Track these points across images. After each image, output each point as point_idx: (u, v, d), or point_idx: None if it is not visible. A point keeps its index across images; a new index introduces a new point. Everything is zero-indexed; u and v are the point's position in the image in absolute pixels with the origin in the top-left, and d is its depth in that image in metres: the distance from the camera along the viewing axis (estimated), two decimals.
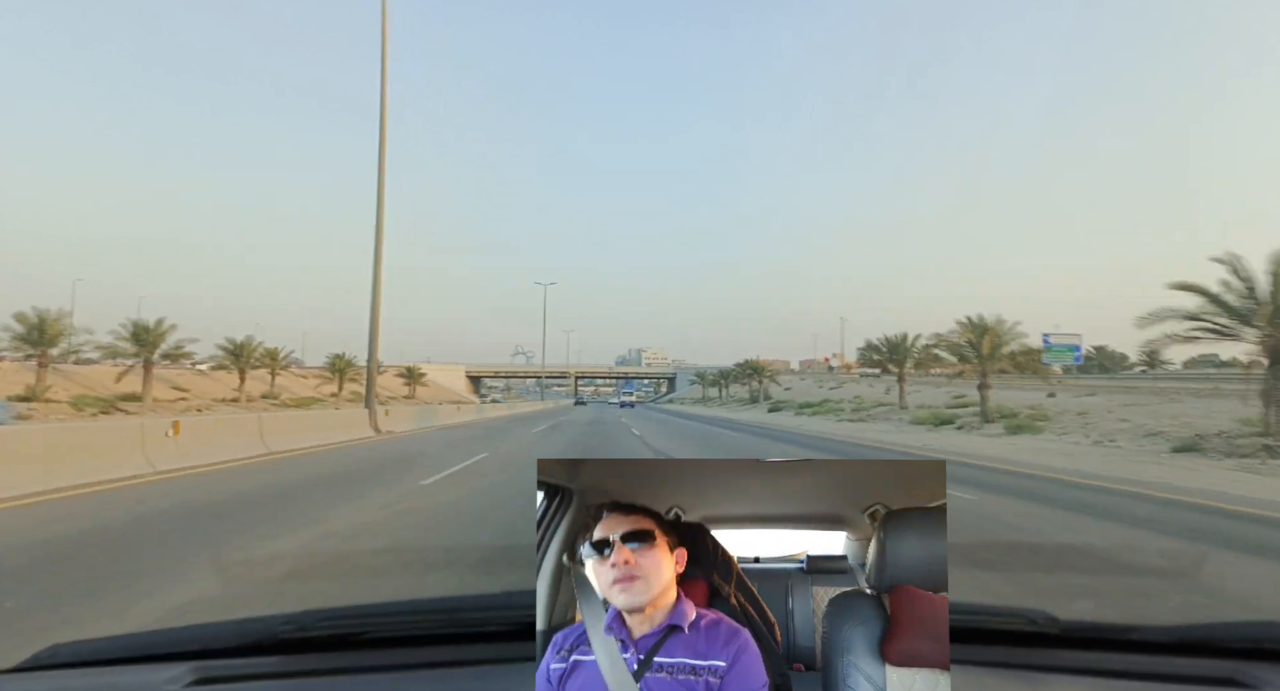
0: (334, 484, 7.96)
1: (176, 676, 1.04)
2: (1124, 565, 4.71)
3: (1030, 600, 3.46)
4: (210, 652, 1.13)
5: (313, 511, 6.10)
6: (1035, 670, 1.09)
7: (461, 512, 6.28)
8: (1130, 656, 1.14)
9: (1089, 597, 3.72)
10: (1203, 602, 3.68)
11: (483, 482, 8.39)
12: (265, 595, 3.57)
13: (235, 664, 1.11)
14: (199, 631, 1.22)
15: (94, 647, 1.15)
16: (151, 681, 1.05)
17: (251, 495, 7.01)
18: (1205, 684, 1.06)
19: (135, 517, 5.70)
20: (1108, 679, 1.07)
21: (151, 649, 1.15)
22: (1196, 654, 1.14)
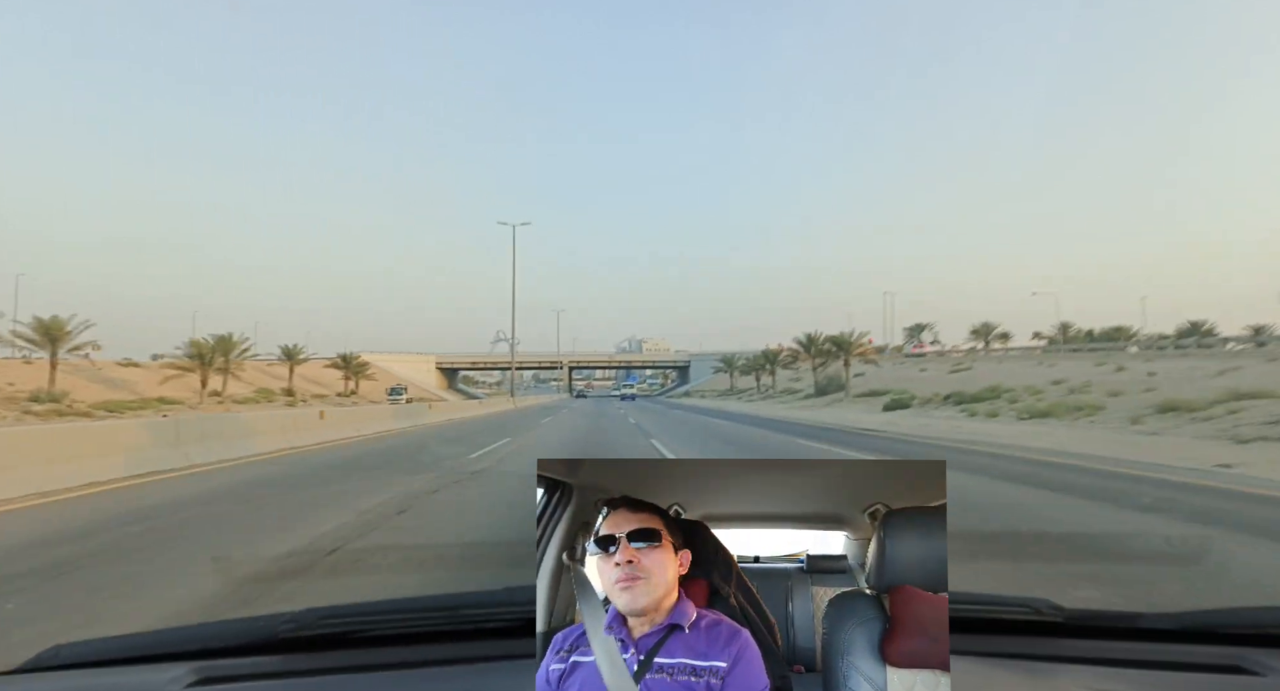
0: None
1: (178, 676, 1.04)
2: (1127, 552, 4.71)
3: (1033, 589, 3.46)
4: (211, 652, 1.13)
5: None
6: (1039, 659, 1.09)
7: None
8: (1134, 644, 1.14)
9: (1092, 585, 3.73)
10: (1204, 588, 3.68)
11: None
12: (265, 594, 3.59)
13: (237, 663, 1.11)
14: (200, 631, 1.22)
15: (96, 648, 1.15)
16: (153, 681, 1.05)
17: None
18: (1210, 670, 1.06)
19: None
20: (1112, 667, 1.07)
21: (153, 649, 1.16)
22: (1200, 640, 1.14)
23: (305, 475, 8.93)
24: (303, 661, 1.13)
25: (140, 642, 1.18)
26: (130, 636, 1.19)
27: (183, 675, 1.05)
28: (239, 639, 1.16)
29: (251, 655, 1.14)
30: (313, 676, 1.09)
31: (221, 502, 6.65)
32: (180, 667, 1.07)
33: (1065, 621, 1.16)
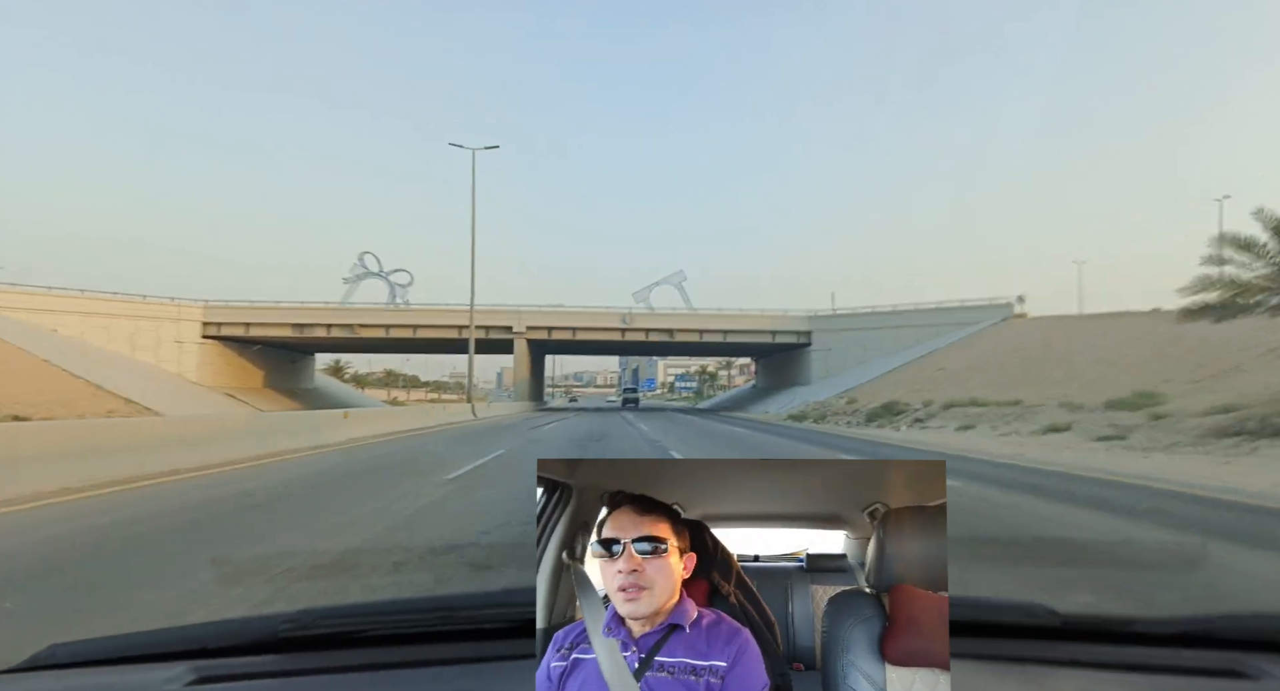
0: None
1: (176, 675, 1.04)
2: (1123, 558, 4.72)
3: (1029, 593, 3.47)
4: (209, 652, 1.13)
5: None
6: (1036, 663, 1.09)
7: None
8: (1131, 649, 1.15)
9: (1088, 590, 3.73)
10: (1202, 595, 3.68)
11: None
12: (264, 594, 3.58)
13: (234, 663, 1.11)
14: (198, 630, 1.22)
15: (93, 647, 1.15)
16: (151, 681, 1.05)
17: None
18: (1207, 676, 1.06)
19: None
20: (1109, 672, 1.07)
21: (150, 648, 1.16)
22: (1198, 646, 1.14)
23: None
24: (301, 661, 1.13)
25: (138, 642, 1.17)
26: (128, 635, 1.18)
27: (181, 674, 1.05)
28: (237, 638, 1.15)
29: (250, 654, 1.13)
30: (311, 676, 1.09)
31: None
32: (178, 667, 1.07)
33: (1061, 626, 1.17)
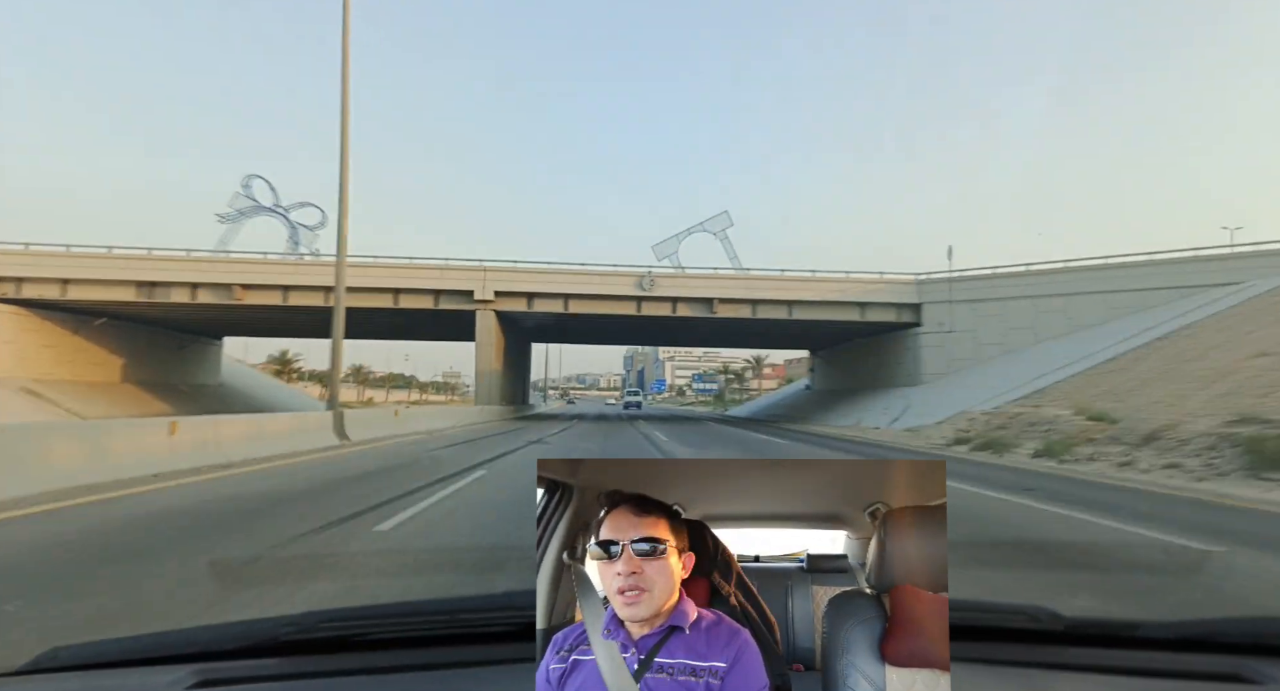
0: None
1: (178, 679, 1.04)
2: (1125, 561, 4.70)
3: (1032, 597, 3.46)
4: (212, 655, 1.13)
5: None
6: (1038, 667, 1.09)
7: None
8: (1134, 652, 1.14)
9: (1090, 594, 3.72)
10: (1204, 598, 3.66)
11: None
12: (265, 597, 3.57)
13: (237, 666, 1.11)
14: (200, 633, 1.22)
15: (95, 650, 1.15)
16: (153, 684, 1.05)
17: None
18: (1209, 679, 1.06)
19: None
20: (1111, 675, 1.07)
21: (153, 651, 1.16)
22: (1200, 649, 1.14)
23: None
24: (303, 664, 1.13)
25: (140, 645, 1.18)
26: (130, 638, 1.18)
27: (183, 677, 1.05)
28: (239, 641, 1.16)
29: (252, 658, 1.14)
30: (313, 679, 1.09)
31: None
32: (180, 670, 1.07)
33: (1065, 629, 1.16)
